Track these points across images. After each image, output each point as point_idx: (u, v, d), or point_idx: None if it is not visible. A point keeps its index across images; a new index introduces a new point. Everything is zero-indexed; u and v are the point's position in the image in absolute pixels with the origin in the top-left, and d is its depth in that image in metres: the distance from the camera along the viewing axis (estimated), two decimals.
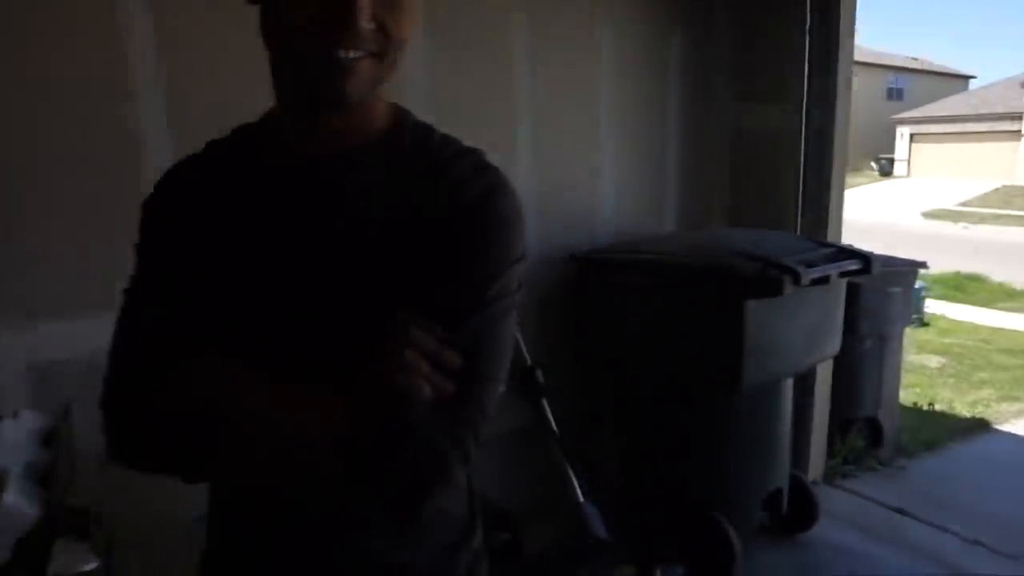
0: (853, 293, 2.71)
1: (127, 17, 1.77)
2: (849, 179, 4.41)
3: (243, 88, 1.14)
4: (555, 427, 2.15)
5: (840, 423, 3.23)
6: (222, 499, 0.86)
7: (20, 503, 1.24)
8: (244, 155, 0.82)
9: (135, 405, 0.75)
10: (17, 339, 1.74)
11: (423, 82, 2.22)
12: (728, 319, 2.16)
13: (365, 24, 0.69)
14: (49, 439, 1.52)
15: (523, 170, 2.56)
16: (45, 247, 1.75)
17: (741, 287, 2.13)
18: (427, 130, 0.84)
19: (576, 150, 2.73)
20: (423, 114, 0.86)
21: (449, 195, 0.76)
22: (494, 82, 2.48)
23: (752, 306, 2.14)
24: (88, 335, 1.80)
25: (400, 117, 0.84)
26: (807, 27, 2.80)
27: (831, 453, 3.21)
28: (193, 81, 1.87)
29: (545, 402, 2.17)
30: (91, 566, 1.44)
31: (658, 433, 2.50)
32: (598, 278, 2.52)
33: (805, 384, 2.91)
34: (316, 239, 0.76)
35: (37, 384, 1.78)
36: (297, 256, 0.76)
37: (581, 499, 2.09)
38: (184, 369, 0.73)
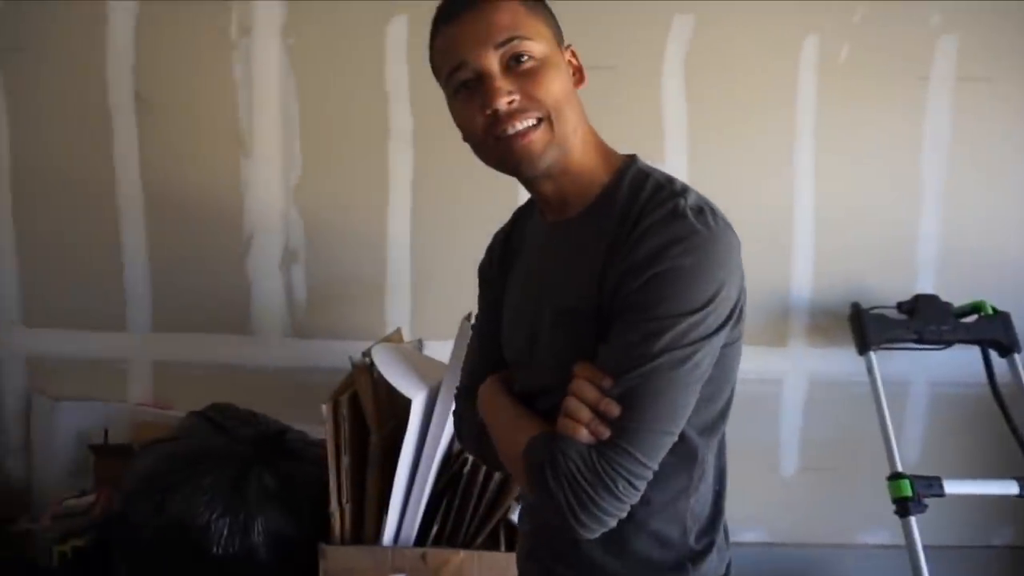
0: None
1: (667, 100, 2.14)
2: None
3: None
4: None
5: None
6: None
7: None
8: (525, 222, 1.02)
9: (459, 410, 1.07)
10: None
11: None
12: None
13: (504, 104, 0.80)
14: None
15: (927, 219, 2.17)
16: None
17: None
18: (642, 181, 0.86)
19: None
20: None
21: (632, 248, 0.80)
22: (901, 120, 2.16)
23: None
24: None
25: (621, 172, 0.88)
26: None
27: None
28: (706, 152, 2.15)
29: None
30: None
31: None
32: None
33: None
34: (544, 293, 0.91)
35: None
36: (535, 306, 0.93)
37: None
38: (481, 387, 1.00)
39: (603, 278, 0.82)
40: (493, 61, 0.82)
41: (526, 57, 0.82)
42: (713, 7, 2.09)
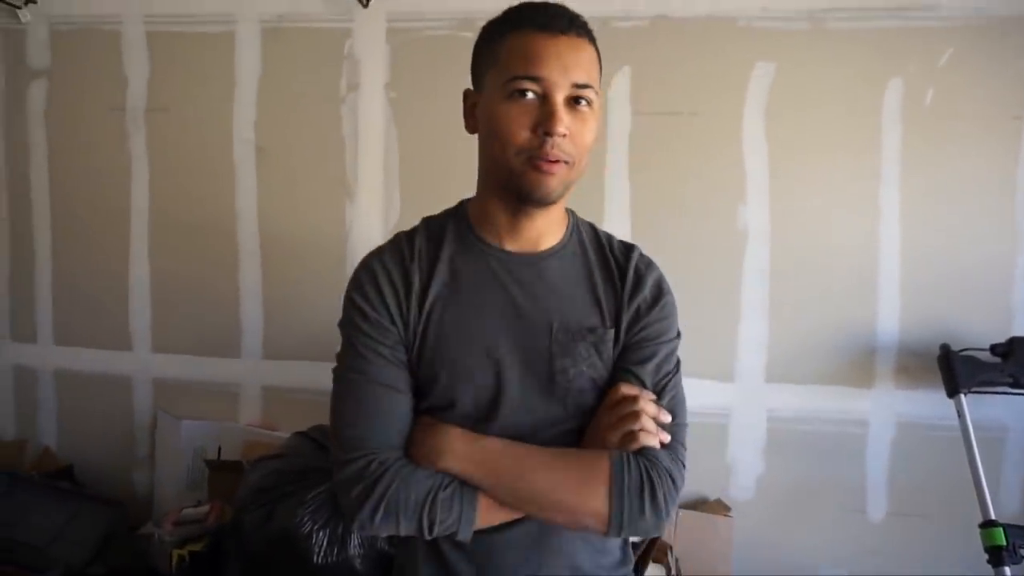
0: None
1: (748, 144, 2.19)
2: None
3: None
4: None
5: None
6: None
7: None
8: (444, 253, 1.00)
9: (391, 477, 0.97)
10: None
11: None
12: None
13: (560, 132, 0.88)
14: None
15: None
16: None
17: None
18: (591, 227, 1.06)
19: None
20: None
21: (634, 287, 0.98)
22: (993, 160, 2.12)
23: None
24: None
25: (571, 218, 1.04)
26: None
27: None
28: (787, 196, 2.18)
29: None
30: None
31: None
32: None
33: None
34: (545, 316, 0.97)
35: None
36: (526, 331, 0.96)
37: None
38: (471, 446, 0.94)
39: (618, 307, 0.99)
40: (564, 93, 0.90)
41: (585, 103, 0.92)
42: (794, 53, 2.15)
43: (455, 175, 2.27)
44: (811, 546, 2.20)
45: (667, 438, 0.93)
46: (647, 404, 0.93)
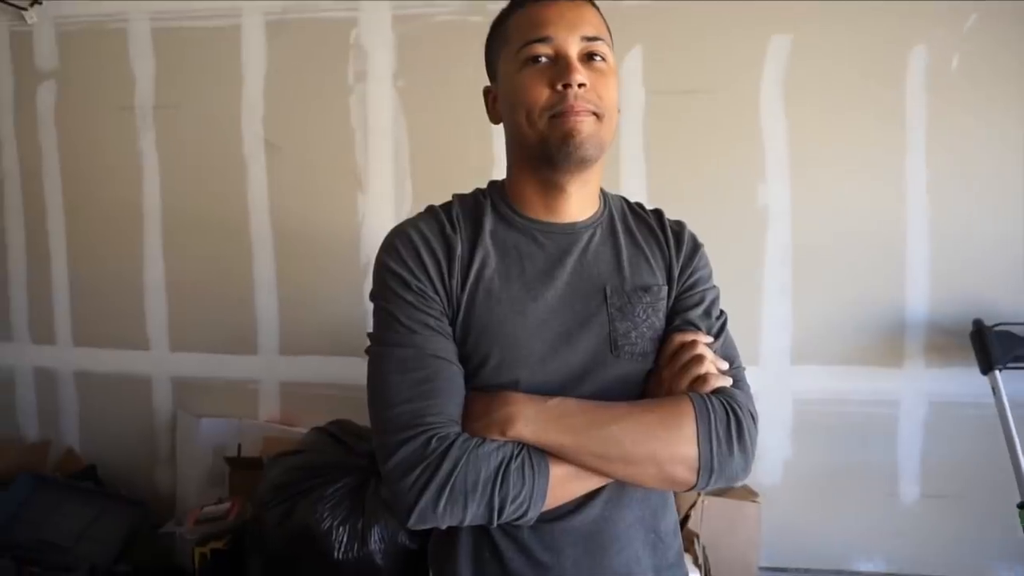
0: None
1: (766, 121, 2.13)
2: None
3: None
4: None
5: None
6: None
7: None
8: (475, 228, 0.96)
9: (471, 452, 0.89)
10: None
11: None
12: None
13: (578, 81, 0.86)
14: None
15: None
16: None
17: None
18: (617, 196, 1.05)
19: None
20: None
21: (676, 248, 1.00)
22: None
23: None
24: None
25: (601, 192, 1.02)
26: None
27: None
28: (809, 172, 2.12)
29: None
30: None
31: None
32: None
33: None
34: (576, 295, 0.93)
35: None
36: (584, 295, 0.93)
37: None
38: (542, 408, 0.88)
39: (667, 262, 1.00)
40: (576, 48, 0.89)
41: (599, 58, 0.90)
42: (811, 27, 2.08)
43: (467, 161, 2.24)
44: (841, 531, 2.15)
45: (729, 381, 0.90)
46: (706, 348, 0.92)
